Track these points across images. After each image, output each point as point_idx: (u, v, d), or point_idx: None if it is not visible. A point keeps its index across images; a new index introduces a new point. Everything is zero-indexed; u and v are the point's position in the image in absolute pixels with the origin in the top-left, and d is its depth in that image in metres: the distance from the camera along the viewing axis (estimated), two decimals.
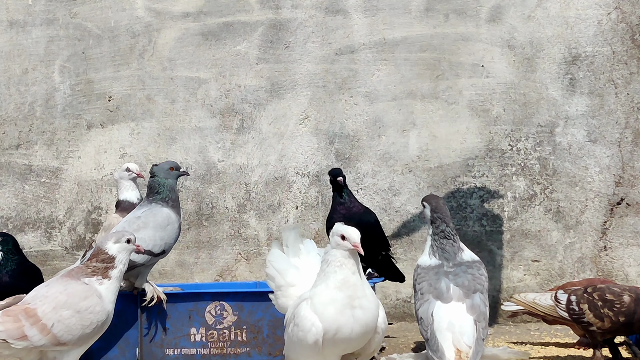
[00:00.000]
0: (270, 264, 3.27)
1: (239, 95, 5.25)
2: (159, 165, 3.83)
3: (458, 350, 3.06)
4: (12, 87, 5.40)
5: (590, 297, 3.64)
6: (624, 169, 5.02)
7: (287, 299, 3.19)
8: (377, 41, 5.18)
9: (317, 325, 2.93)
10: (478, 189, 5.09)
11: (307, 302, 2.99)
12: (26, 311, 3.02)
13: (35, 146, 5.36)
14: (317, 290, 2.99)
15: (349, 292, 2.96)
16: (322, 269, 3.02)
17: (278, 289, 3.23)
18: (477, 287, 3.21)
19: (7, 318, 3.01)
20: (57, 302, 3.04)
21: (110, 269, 3.15)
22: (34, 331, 3.00)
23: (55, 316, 3.02)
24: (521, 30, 5.10)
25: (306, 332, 2.94)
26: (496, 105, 5.10)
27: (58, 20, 5.39)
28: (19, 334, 2.99)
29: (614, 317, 3.57)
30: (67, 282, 3.11)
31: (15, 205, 5.35)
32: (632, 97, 5.03)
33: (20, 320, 3.00)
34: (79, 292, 3.08)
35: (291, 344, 3.06)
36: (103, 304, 3.10)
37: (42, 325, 3.01)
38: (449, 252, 3.31)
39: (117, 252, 3.17)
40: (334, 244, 3.01)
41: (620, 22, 5.06)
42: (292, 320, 3.05)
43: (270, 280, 3.28)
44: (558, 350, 4.09)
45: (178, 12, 5.31)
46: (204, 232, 5.22)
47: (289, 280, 3.21)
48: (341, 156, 5.14)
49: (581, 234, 5.02)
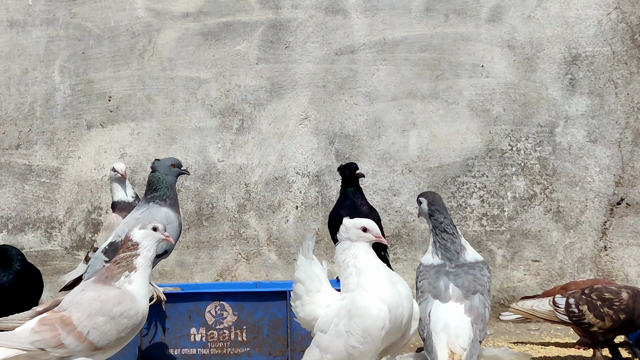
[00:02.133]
0: (300, 268, 3.17)
1: (239, 95, 5.25)
2: (161, 161, 3.80)
3: (452, 352, 3.05)
4: (12, 87, 5.40)
5: (588, 297, 3.64)
6: (624, 169, 5.02)
7: (314, 305, 3.10)
8: (377, 41, 5.18)
9: (383, 307, 2.90)
10: (478, 189, 5.09)
11: (358, 293, 2.94)
12: (62, 319, 3.06)
13: (35, 146, 5.36)
14: (360, 280, 2.97)
15: (385, 271, 3.01)
16: (351, 264, 3.01)
17: (307, 294, 3.13)
18: (477, 288, 3.19)
19: (44, 327, 3.05)
20: (91, 310, 3.07)
21: (134, 257, 3.13)
22: (70, 339, 3.04)
23: (90, 323, 3.06)
24: (521, 30, 5.10)
25: (375, 318, 2.90)
26: (496, 105, 5.10)
27: (58, 20, 5.39)
28: (56, 343, 3.04)
29: (614, 315, 3.58)
30: (101, 287, 3.13)
31: (15, 205, 5.35)
32: (632, 97, 5.03)
33: (56, 329, 3.04)
34: (112, 297, 3.10)
35: (345, 346, 2.95)
36: (137, 305, 3.11)
37: (78, 333, 3.05)
38: (452, 251, 3.29)
39: (141, 238, 3.15)
40: (355, 236, 3.01)
41: (620, 22, 5.06)
42: (343, 318, 2.96)
43: (299, 284, 3.16)
44: (558, 350, 4.09)
45: (178, 12, 5.31)
46: (204, 232, 5.22)
47: (316, 285, 3.13)
48: (341, 156, 5.14)
49: (581, 234, 5.02)
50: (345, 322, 2.95)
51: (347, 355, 2.95)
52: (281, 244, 5.17)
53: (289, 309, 3.75)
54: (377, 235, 3.02)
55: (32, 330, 3.03)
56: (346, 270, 3.03)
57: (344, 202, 4.17)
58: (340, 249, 3.06)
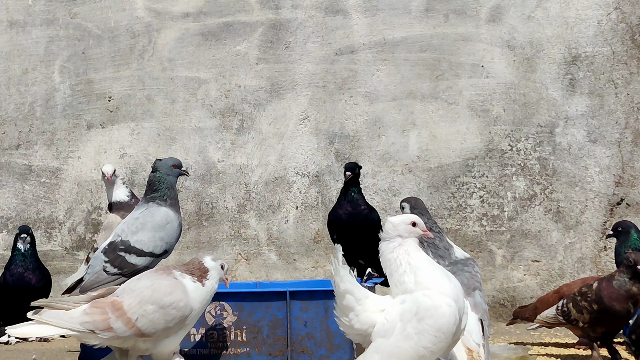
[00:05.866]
0: (344, 279, 3.01)
1: (239, 96, 5.25)
2: (163, 161, 3.79)
3: (469, 349, 3.03)
4: (12, 87, 5.40)
5: (573, 295, 3.73)
6: (624, 169, 5.02)
7: (368, 312, 2.98)
8: (377, 41, 5.18)
9: (452, 303, 2.85)
10: (478, 189, 5.09)
11: (421, 293, 2.88)
12: (113, 304, 3.20)
13: (35, 146, 5.36)
14: (418, 278, 2.90)
15: (437, 265, 2.99)
16: (404, 261, 2.94)
17: (358, 303, 2.99)
18: (475, 284, 3.20)
19: (95, 310, 3.19)
20: (142, 297, 3.21)
21: (204, 278, 3.32)
22: (119, 324, 3.18)
23: (140, 310, 3.19)
24: (521, 31, 5.10)
25: (447, 316, 2.84)
26: (496, 105, 5.10)
27: (58, 20, 5.39)
28: (105, 326, 3.17)
29: (588, 306, 3.63)
30: (156, 277, 3.29)
31: (15, 205, 5.35)
32: (632, 97, 5.03)
33: (107, 312, 3.18)
34: (164, 287, 3.24)
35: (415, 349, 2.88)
36: (188, 299, 3.25)
37: (127, 319, 3.18)
38: (441, 249, 3.29)
39: (211, 268, 3.34)
40: (406, 232, 2.95)
41: (620, 23, 5.06)
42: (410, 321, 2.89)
43: (348, 295, 3.00)
44: (558, 350, 4.09)
45: (178, 12, 5.31)
46: (204, 232, 5.22)
47: (363, 292, 3.02)
48: (341, 156, 5.14)
49: (581, 234, 5.02)
50: (414, 324, 2.87)
51: (418, 357, 2.88)
52: (281, 244, 5.17)
53: (289, 309, 3.75)
54: (424, 230, 2.99)
55: (83, 312, 3.17)
56: (399, 268, 2.94)
57: (343, 202, 4.16)
58: (390, 247, 2.98)
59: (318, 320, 3.75)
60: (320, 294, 3.74)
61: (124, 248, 3.54)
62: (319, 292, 3.76)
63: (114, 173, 4.42)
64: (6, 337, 4.63)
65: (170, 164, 3.76)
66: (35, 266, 4.69)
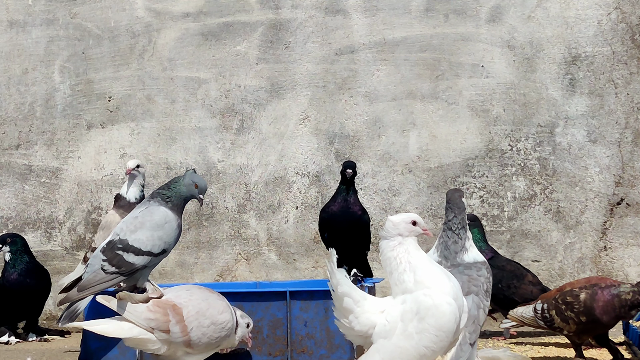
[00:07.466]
0: (341, 282, 3.00)
1: (239, 95, 5.25)
2: (195, 175, 3.61)
3: None
4: (12, 87, 5.40)
5: (556, 302, 3.64)
6: (624, 169, 5.02)
7: (368, 314, 2.97)
8: (377, 41, 5.18)
9: (452, 301, 2.86)
10: (478, 189, 5.09)
11: (421, 293, 2.88)
12: (174, 308, 3.25)
13: (35, 146, 5.36)
14: (417, 277, 2.90)
15: (437, 264, 3.00)
16: (404, 260, 2.93)
17: (357, 305, 2.99)
18: (471, 289, 3.17)
19: (159, 309, 3.23)
20: (200, 309, 3.28)
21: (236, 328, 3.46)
22: (176, 328, 3.23)
23: (196, 322, 3.26)
24: (521, 31, 5.10)
25: (448, 315, 2.84)
26: (496, 105, 5.10)
27: (58, 20, 5.39)
28: (165, 327, 3.22)
29: (575, 318, 3.58)
30: (209, 294, 3.37)
31: (15, 205, 5.36)
32: (632, 97, 5.03)
33: (168, 314, 3.23)
34: (218, 305, 3.34)
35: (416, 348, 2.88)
36: (233, 324, 3.37)
37: (184, 327, 3.23)
38: (450, 250, 3.27)
39: (240, 325, 3.46)
40: (407, 231, 2.95)
41: (620, 22, 5.06)
42: (411, 321, 2.89)
43: (347, 298, 3.00)
44: (558, 351, 4.09)
45: (178, 12, 5.32)
46: (204, 232, 5.22)
47: (360, 294, 3.02)
48: (341, 156, 5.14)
49: (581, 234, 5.02)
50: (415, 324, 2.87)
51: (419, 356, 2.88)
52: (281, 244, 5.17)
53: (289, 309, 3.75)
54: (424, 229, 3.00)
55: (147, 309, 3.21)
56: (399, 267, 2.94)
57: (336, 200, 4.12)
58: (390, 246, 2.97)
59: (318, 320, 3.75)
60: (320, 294, 3.74)
61: (122, 247, 3.52)
62: (319, 292, 3.76)
63: (134, 168, 4.34)
64: (6, 337, 4.63)
65: (196, 181, 3.60)
66: (30, 268, 4.66)
